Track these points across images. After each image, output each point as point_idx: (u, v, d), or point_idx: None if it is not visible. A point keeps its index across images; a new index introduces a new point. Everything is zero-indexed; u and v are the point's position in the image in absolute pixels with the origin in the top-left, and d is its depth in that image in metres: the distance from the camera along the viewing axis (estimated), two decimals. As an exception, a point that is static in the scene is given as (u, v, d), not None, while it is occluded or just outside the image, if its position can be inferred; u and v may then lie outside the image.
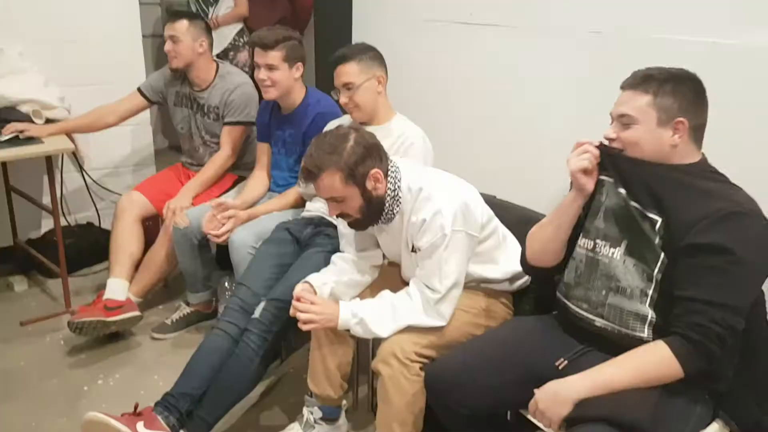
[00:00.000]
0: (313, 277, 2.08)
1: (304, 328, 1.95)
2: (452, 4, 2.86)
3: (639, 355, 1.53)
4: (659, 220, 1.56)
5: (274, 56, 2.56)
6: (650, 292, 1.58)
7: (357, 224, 2.01)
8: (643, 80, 1.60)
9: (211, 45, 3.03)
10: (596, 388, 1.50)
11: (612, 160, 1.66)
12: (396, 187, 1.94)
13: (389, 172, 1.95)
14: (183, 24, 2.92)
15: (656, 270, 1.57)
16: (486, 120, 2.79)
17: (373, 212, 1.95)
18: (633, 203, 1.61)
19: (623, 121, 1.62)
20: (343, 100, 2.36)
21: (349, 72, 2.33)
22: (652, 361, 1.50)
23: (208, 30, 3.03)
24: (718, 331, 1.46)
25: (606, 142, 1.68)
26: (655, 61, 2.04)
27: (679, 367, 1.48)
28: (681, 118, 1.57)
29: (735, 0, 1.87)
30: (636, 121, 1.59)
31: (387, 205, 1.95)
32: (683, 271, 1.52)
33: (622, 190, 1.64)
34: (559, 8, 2.38)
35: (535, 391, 1.55)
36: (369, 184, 1.91)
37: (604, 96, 2.24)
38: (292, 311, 1.97)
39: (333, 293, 2.05)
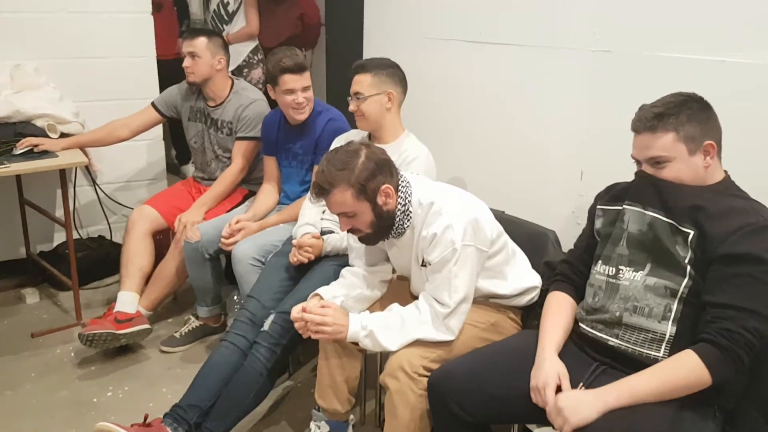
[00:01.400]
0: (323, 290, 2.09)
1: (314, 336, 1.95)
2: (461, 22, 2.89)
3: (667, 365, 1.53)
4: (692, 232, 1.58)
5: (308, 76, 2.64)
6: (674, 307, 1.58)
7: (367, 239, 2.02)
8: (658, 119, 1.62)
9: (228, 62, 3.08)
10: (623, 397, 1.49)
11: (647, 183, 1.68)
12: (407, 201, 1.96)
13: (400, 187, 1.96)
14: (202, 41, 2.97)
15: (683, 285, 1.58)
16: (495, 136, 2.80)
17: (383, 227, 1.96)
18: (666, 219, 1.63)
19: (654, 162, 1.65)
20: (351, 107, 2.42)
21: (361, 82, 2.39)
22: (681, 369, 1.50)
23: (226, 47, 3.08)
24: (748, 338, 1.46)
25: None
26: (662, 79, 2.07)
27: (708, 374, 1.47)
28: (708, 141, 1.62)
29: (743, 18, 1.89)
30: (669, 159, 1.63)
31: (397, 219, 1.96)
32: (715, 279, 1.53)
33: (650, 212, 1.66)
34: (569, 27, 2.41)
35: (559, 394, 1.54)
36: (380, 200, 1.92)
37: (612, 113, 2.28)
38: (299, 325, 1.96)
39: (342, 307, 2.06)
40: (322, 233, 2.48)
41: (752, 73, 1.88)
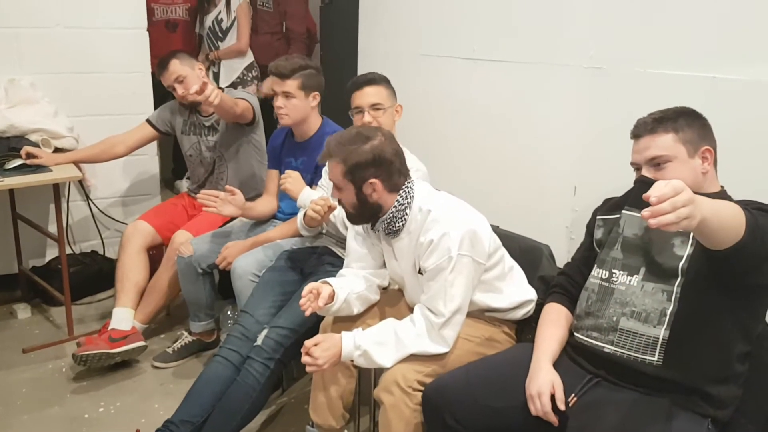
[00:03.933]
0: (331, 280, 2.07)
1: (309, 370, 1.93)
2: (455, 39, 2.92)
3: (725, 201, 1.43)
4: None
5: (291, 84, 2.60)
6: (669, 311, 1.60)
7: (351, 218, 2.05)
8: (657, 123, 1.69)
9: (208, 69, 3.11)
10: (708, 208, 1.31)
11: (645, 188, 1.67)
12: (406, 203, 1.96)
13: (404, 188, 1.97)
14: (175, 63, 2.96)
15: (676, 284, 1.60)
16: (489, 152, 2.82)
17: (366, 213, 2.00)
18: None
19: (655, 163, 1.68)
20: (367, 119, 2.40)
21: (380, 94, 2.41)
22: (735, 208, 1.42)
23: (193, 54, 3.12)
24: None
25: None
26: (655, 95, 2.09)
27: (744, 227, 1.40)
28: (706, 146, 1.67)
29: (734, 35, 1.91)
30: (669, 159, 1.67)
31: (389, 215, 1.97)
32: None
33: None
34: (561, 44, 2.43)
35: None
36: (366, 189, 1.94)
37: (605, 129, 2.30)
38: (303, 301, 1.94)
39: (347, 300, 2.04)
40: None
41: (742, 89, 1.90)
